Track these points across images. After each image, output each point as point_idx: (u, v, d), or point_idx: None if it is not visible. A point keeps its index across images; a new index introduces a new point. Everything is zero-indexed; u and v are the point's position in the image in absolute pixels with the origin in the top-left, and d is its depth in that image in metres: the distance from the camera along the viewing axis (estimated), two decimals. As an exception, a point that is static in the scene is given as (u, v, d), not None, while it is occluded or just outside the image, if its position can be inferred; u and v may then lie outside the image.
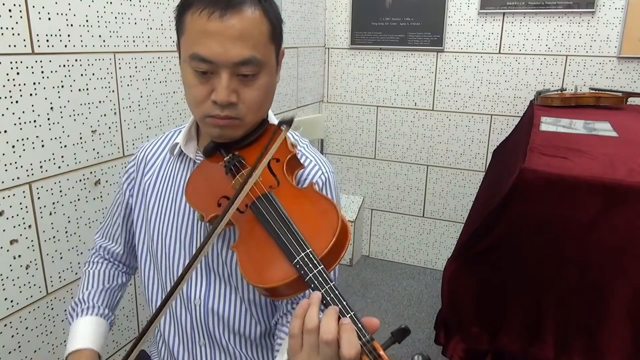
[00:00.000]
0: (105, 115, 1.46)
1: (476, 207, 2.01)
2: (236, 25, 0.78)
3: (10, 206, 1.23)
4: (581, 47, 2.50)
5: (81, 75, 1.36)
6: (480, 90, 2.72)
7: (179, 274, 0.95)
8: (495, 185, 1.74)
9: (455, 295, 1.45)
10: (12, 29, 1.18)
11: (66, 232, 1.39)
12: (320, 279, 0.66)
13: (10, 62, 1.18)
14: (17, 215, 1.25)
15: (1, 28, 1.15)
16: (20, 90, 1.21)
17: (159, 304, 1.00)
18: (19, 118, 1.22)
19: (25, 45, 1.21)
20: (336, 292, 0.65)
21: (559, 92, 2.36)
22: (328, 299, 0.65)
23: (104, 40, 1.42)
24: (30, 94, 1.24)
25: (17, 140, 1.22)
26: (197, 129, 0.98)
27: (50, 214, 1.34)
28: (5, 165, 1.20)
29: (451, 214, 2.94)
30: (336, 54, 2.98)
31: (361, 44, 2.90)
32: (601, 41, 2.46)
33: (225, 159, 0.86)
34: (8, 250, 1.24)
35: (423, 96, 2.85)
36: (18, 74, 1.20)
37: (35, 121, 1.26)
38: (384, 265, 3.09)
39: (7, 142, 1.20)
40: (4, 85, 1.17)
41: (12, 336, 1.28)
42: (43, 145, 1.29)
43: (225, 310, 0.94)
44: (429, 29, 2.73)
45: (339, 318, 0.64)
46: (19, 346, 1.30)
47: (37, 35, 1.24)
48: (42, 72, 1.26)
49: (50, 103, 1.29)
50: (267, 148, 0.76)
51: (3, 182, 1.21)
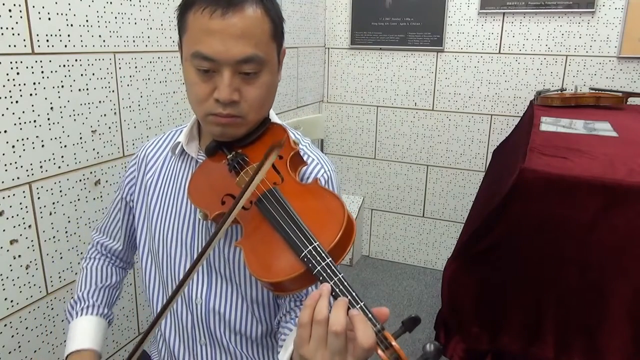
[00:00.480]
0: (105, 115, 1.46)
1: (476, 207, 2.01)
2: (238, 24, 0.79)
3: (10, 206, 1.23)
4: (581, 47, 2.50)
5: (81, 75, 1.37)
6: (480, 90, 2.72)
7: (181, 273, 0.96)
8: (495, 185, 1.74)
9: (455, 295, 1.45)
10: (12, 29, 1.18)
11: (66, 232, 1.39)
12: (328, 271, 0.66)
13: (10, 62, 1.18)
14: (17, 215, 1.25)
15: (1, 28, 1.15)
16: (20, 90, 1.21)
17: (160, 302, 1.00)
18: (19, 118, 1.22)
19: (25, 45, 1.21)
20: (345, 284, 0.65)
21: (559, 92, 2.36)
22: (337, 290, 0.65)
23: (104, 40, 1.42)
24: (30, 94, 1.24)
25: (17, 140, 1.22)
26: (199, 128, 0.98)
27: (50, 214, 1.34)
28: (5, 165, 1.20)
29: (451, 214, 2.94)
30: (336, 54, 2.98)
31: (361, 44, 2.90)
32: (601, 41, 2.46)
33: (228, 157, 0.87)
34: (8, 250, 1.24)
35: (423, 96, 2.85)
36: (18, 74, 1.20)
37: (35, 121, 1.26)
38: (384, 265, 3.09)
39: (7, 142, 1.20)
40: (4, 85, 1.17)
41: (12, 336, 1.28)
42: (43, 145, 1.29)
43: (227, 310, 0.94)
44: (429, 29, 2.73)
45: (349, 310, 0.64)
46: (19, 346, 1.30)
47: (37, 35, 1.24)
48: (42, 72, 1.26)
49: (50, 103, 1.29)
50: (276, 143, 0.77)
51: (3, 182, 1.21)
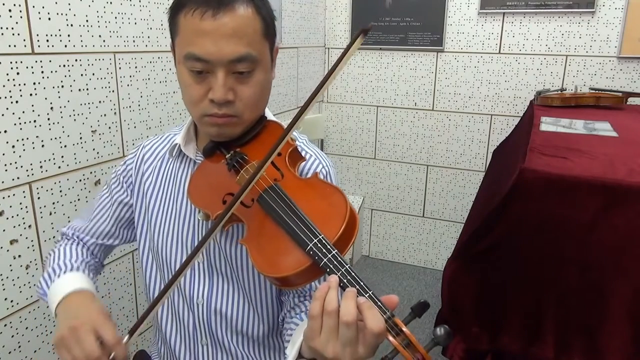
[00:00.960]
0: (105, 115, 1.46)
1: (476, 207, 2.01)
2: (229, 24, 0.79)
3: (10, 206, 1.23)
4: (581, 47, 2.50)
5: (81, 75, 1.36)
6: (480, 90, 2.72)
7: (183, 273, 0.95)
8: (495, 185, 1.74)
9: (455, 295, 1.45)
10: (12, 29, 1.18)
11: (66, 232, 1.39)
12: (335, 262, 0.66)
13: (10, 62, 1.18)
14: (17, 215, 1.25)
15: (1, 28, 1.15)
16: (20, 90, 1.21)
17: (161, 305, 1.00)
18: (19, 118, 1.22)
19: (25, 45, 1.21)
20: (352, 274, 0.65)
21: (559, 92, 2.36)
22: (345, 281, 0.66)
23: (104, 40, 1.42)
24: (30, 94, 1.24)
25: (17, 140, 1.22)
26: (196, 129, 0.97)
27: (50, 214, 1.34)
28: (5, 165, 1.20)
29: (451, 214, 2.94)
30: (336, 54, 2.98)
31: (361, 43, 2.89)
32: (601, 41, 2.46)
33: (227, 156, 0.87)
34: (8, 250, 1.24)
35: (423, 96, 2.85)
36: (18, 74, 1.20)
37: (35, 121, 1.26)
38: (384, 265, 3.09)
39: (7, 142, 1.20)
40: (4, 85, 1.17)
41: (12, 336, 1.28)
42: (43, 145, 1.29)
43: (229, 310, 0.94)
44: (429, 29, 2.73)
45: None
46: (19, 346, 1.30)
47: (37, 35, 1.24)
48: (42, 72, 1.26)
49: (50, 103, 1.29)
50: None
51: (3, 182, 1.21)
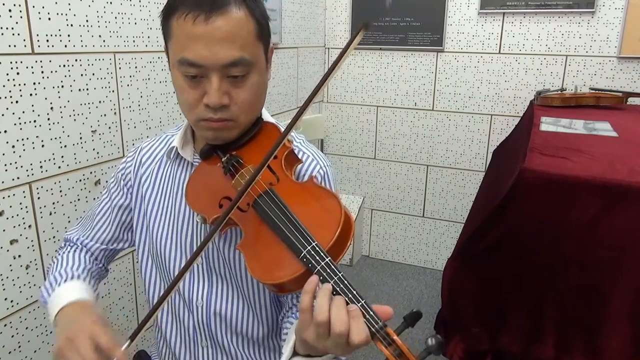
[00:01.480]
0: (105, 115, 1.46)
1: (476, 207, 2.01)
2: (222, 27, 0.78)
3: (10, 206, 1.23)
4: (581, 47, 2.50)
5: (81, 75, 1.36)
6: (480, 90, 2.72)
7: (183, 276, 0.95)
8: (495, 185, 1.74)
9: (455, 295, 1.45)
10: (12, 29, 1.18)
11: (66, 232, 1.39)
12: (328, 270, 0.66)
13: (10, 62, 1.18)
14: (17, 215, 1.25)
15: (1, 28, 1.15)
16: (20, 90, 1.21)
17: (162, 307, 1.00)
18: (19, 118, 1.22)
19: (25, 45, 1.21)
20: (346, 282, 0.65)
21: (559, 92, 2.36)
22: (338, 289, 0.66)
23: (104, 40, 1.42)
24: (30, 94, 1.24)
25: (17, 140, 1.22)
26: (193, 131, 0.97)
27: (50, 214, 1.34)
28: (5, 165, 1.20)
29: (451, 214, 2.94)
30: (336, 54, 2.97)
31: (361, 44, 2.89)
32: (601, 41, 2.46)
33: (223, 159, 0.86)
34: (8, 250, 1.24)
35: (423, 96, 2.85)
36: (18, 74, 1.20)
37: (35, 121, 1.26)
38: (384, 265, 3.09)
39: (7, 142, 1.20)
40: (4, 85, 1.17)
41: (12, 336, 1.28)
42: (43, 145, 1.29)
43: (228, 312, 0.94)
44: (429, 29, 2.73)
45: (348, 305, 0.64)
46: (19, 346, 1.30)
47: (37, 35, 1.24)
48: (42, 72, 1.26)
49: (50, 103, 1.29)
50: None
51: (3, 182, 1.20)
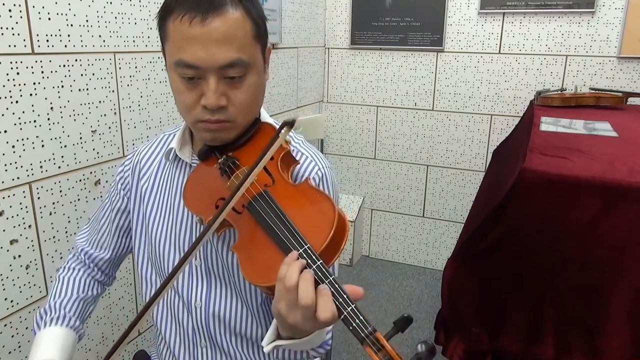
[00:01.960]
0: (105, 115, 1.46)
1: (476, 207, 2.01)
2: (219, 28, 0.77)
3: (10, 206, 1.23)
4: (581, 47, 2.50)
5: (81, 75, 1.36)
6: (480, 90, 2.72)
7: (181, 277, 0.95)
8: (495, 186, 1.74)
9: (455, 295, 1.45)
10: (12, 29, 1.18)
11: (66, 232, 1.39)
12: (319, 273, 0.66)
13: (10, 62, 1.18)
14: (17, 215, 1.25)
15: (1, 28, 1.15)
16: (20, 90, 1.21)
17: (160, 306, 1.00)
18: (19, 118, 1.22)
19: (25, 45, 1.21)
20: (336, 286, 0.65)
21: (559, 92, 2.36)
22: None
23: (104, 40, 1.42)
24: (30, 94, 1.24)
25: (17, 140, 1.22)
26: (191, 132, 0.97)
27: (50, 214, 1.34)
28: (5, 165, 1.20)
29: (451, 214, 2.94)
30: (336, 54, 2.98)
31: (361, 44, 2.90)
32: (601, 41, 2.46)
33: (219, 161, 0.86)
34: (8, 250, 1.24)
35: (423, 96, 2.85)
36: (18, 74, 1.20)
37: (35, 121, 1.26)
38: (384, 265, 3.09)
39: (7, 142, 1.20)
40: (4, 85, 1.17)
41: (12, 336, 1.28)
42: (43, 145, 1.29)
43: (227, 313, 0.94)
44: (429, 29, 2.73)
45: (317, 284, 0.65)
46: (19, 346, 1.30)
47: (37, 35, 1.24)
48: (42, 72, 1.26)
49: (50, 103, 1.29)
50: (265, 151, 0.75)
51: (3, 182, 1.20)
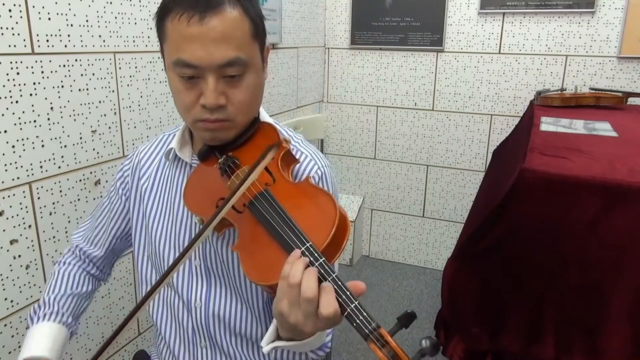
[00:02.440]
0: (105, 115, 1.46)
1: (476, 207, 2.01)
2: (217, 27, 0.77)
3: (10, 206, 1.23)
4: (581, 47, 2.50)
5: (81, 75, 1.36)
6: (480, 90, 2.72)
7: (181, 277, 0.95)
8: (495, 186, 1.74)
9: (455, 295, 1.45)
10: (12, 29, 1.18)
11: (66, 232, 1.39)
12: (322, 271, 0.66)
13: (10, 62, 1.18)
14: (17, 215, 1.25)
15: (1, 28, 1.15)
16: (20, 90, 1.21)
17: (159, 305, 1.00)
18: (19, 118, 1.22)
19: (25, 45, 1.21)
20: (339, 283, 0.65)
21: (559, 92, 2.36)
22: None
23: (104, 40, 1.42)
24: (30, 94, 1.24)
25: (17, 140, 1.22)
26: (191, 132, 0.97)
27: (50, 214, 1.34)
28: (5, 165, 1.20)
29: (451, 214, 2.94)
30: (336, 54, 2.98)
31: (361, 44, 2.90)
32: (601, 41, 2.46)
33: (219, 160, 0.86)
34: (8, 250, 1.24)
35: (423, 96, 2.85)
36: (18, 74, 1.20)
37: (35, 121, 1.26)
38: (384, 265, 3.09)
39: (7, 142, 1.20)
40: (4, 85, 1.17)
41: (12, 336, 1.28)
42: (43, 145, 1.29)
43: (227, 313, 0.94)
44: (429, 29, 2.73)
45: (320, 281, 0.65)
46: (19, 346, 1.29)
47: (37, 35, 1.24)
48: (42, 72, 1.26)
49: (50, 103, 1.29)
50: (261, 159, 0.77)
51: (3, 182, 1.21)
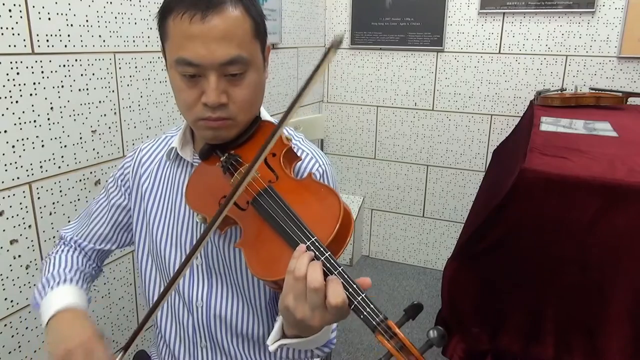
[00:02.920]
0: (105, 115, 1.46)
1: (476, 207, 2.01)
2: (219, 26, 0.78)
3: (10, 206, 1.23)
4: (581, 47, 2.50)
5: (81, 75, 1.36)
6: (480, 90, 2.72)
7: (182, 277, 0.95)
8: (495, 186, 1.74)
9: (455, 295, 1.45)
10: (12, 29, 1.18)
11: (66, 232, 1.39)
12: (328, 265, 0.66)
13: (10, 62, 1.18)
14: (17, 215, 1.25)
15: (1, 28, 1.15)
16: (20, 90, 1.21)
17: (160, 307, 1.00)
18: (19, 118, 1.22)
19: (25, 45, 1.21)
20: (345, 276, 0.65)
21: (559, 92, 2.36)
22: None
23: (104, 40, 1.42)
24: (30, 94, 1.24)
25: (17, 140, 1.22)
26: (192, 132, 0.97)
27: (50, 214, 1.34)
28: (5, 165, 1.20)
29: (451, 214, 2.94)
30: (336, 54, 2.98)
31: (361, 44, 2.90)
32: (601, 41, 2.46)
33: (222, 159, 0.86)
34: (8, 250, 1.24)
35: (423, 96, 2.85)
36: (18, 74, 1.20)
37: (35, 121, 1.26)
38: (384, 265, 3.09)
39: (7, 142, 1.20)
40: (4, 85, 1.17)
41: (12, 336, 1.28)
42: (43, 145, 1.29)
43: (228, 312, 0.94)
44: (429, 29, 2.73)
45: (326, 275, 0.65)
46: (19, 346, 1.30)
47: (37, 35, 1.24)
48: (42, 72, 1.26)
49: (50, 103, 1.29)
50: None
51: (3, 182, 1.20)
